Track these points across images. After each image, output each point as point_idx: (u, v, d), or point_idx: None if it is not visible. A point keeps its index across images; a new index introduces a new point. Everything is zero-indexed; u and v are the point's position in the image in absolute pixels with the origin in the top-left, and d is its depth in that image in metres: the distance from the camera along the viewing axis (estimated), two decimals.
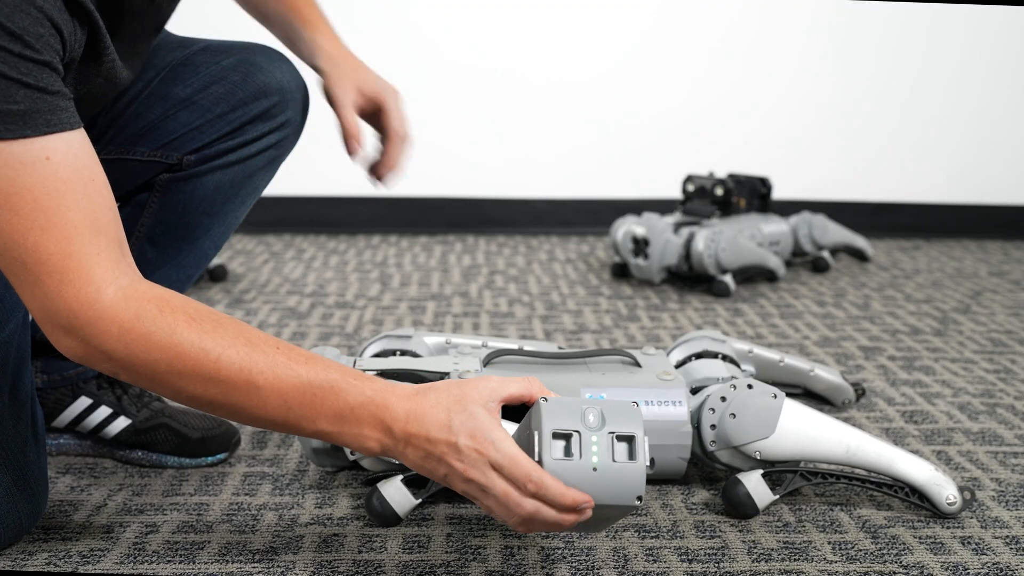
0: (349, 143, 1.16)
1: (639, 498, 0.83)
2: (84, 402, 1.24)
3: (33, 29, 0.78)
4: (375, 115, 1.20)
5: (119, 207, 1.13)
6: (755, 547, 1.07)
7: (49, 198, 0.79)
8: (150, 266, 1.18)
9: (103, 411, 1.24)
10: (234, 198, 1.19)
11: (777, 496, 1.13)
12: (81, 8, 0.83)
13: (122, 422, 1.23)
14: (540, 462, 0.82)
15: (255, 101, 1.16)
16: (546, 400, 0.84)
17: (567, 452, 0.82)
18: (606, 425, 0.83)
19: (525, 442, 0.84)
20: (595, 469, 0.82)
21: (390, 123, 1.18)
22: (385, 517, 1.09)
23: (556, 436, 0.82)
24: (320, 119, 1.28)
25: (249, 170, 1.19)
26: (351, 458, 1.14)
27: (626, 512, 0.85)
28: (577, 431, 0.82)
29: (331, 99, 1.18)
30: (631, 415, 0.84)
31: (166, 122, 1.14)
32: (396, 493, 1.08)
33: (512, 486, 0.81)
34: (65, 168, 0.80)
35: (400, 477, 1.10)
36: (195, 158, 1.15)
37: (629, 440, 0.83)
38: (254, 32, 1.19)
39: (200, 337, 0.82)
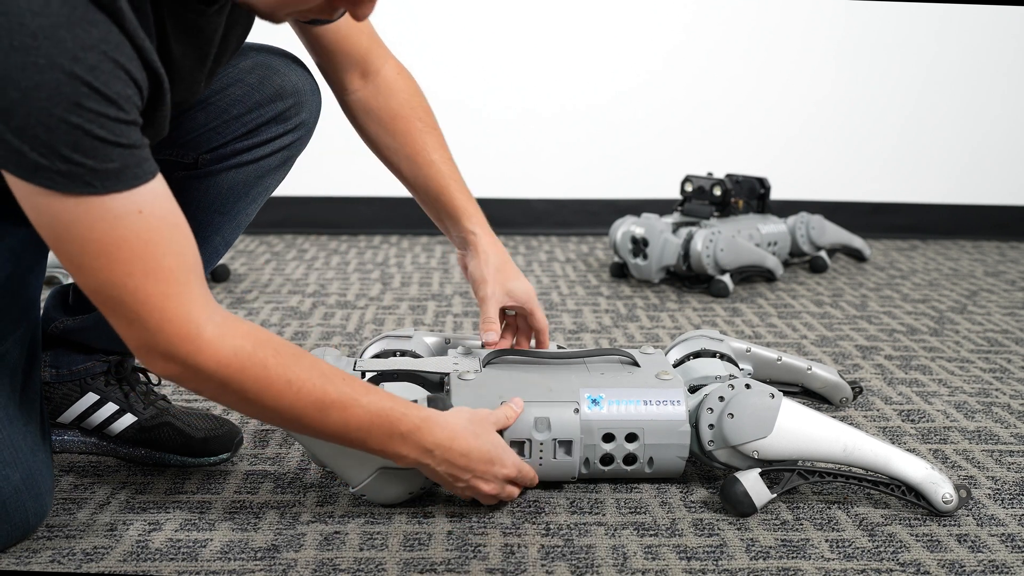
0: (486, 334, 1.28)
1: (574, 478, 1.18)
2: (91, 398, 1.24)
3: (123, 91, 0.82)
4: (515, 310, 1.34)
5: None
6: (753, 545, 1.08)
7: (144, 247, 0.86)
8: None
9: (110, 407, 1.24)
10: (246, 197, 1.20)
11: (775, 494, 1.14)
12: (151, 67, 0.87)
13: (128, 419, 1.24)
14: None
15: (271, 103, 1.17)
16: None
17: (519, 454, 1.14)
18: (551, 431, 1.15)
19: None
20: (540, 465, 1.15)
21: (536, 323, 1.33)
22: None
23: (512, 444, 1.13)
24: (324, 121, 1.28)
25: (262, 170, 1.20)
26: (352, 491, 1.14)
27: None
28: (528, 439, 1.14)
29: (477, 291, 1.30)
30: (571, 424, 1.16)
31: (183, 122, 1.14)
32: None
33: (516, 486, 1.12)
34: (154, 217, 0.87)
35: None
36: (210, 157, 1.16)
37: (568, 444, 1.15)
38: (269, 35, 1.19)
39: (285, 371, 0.95)
